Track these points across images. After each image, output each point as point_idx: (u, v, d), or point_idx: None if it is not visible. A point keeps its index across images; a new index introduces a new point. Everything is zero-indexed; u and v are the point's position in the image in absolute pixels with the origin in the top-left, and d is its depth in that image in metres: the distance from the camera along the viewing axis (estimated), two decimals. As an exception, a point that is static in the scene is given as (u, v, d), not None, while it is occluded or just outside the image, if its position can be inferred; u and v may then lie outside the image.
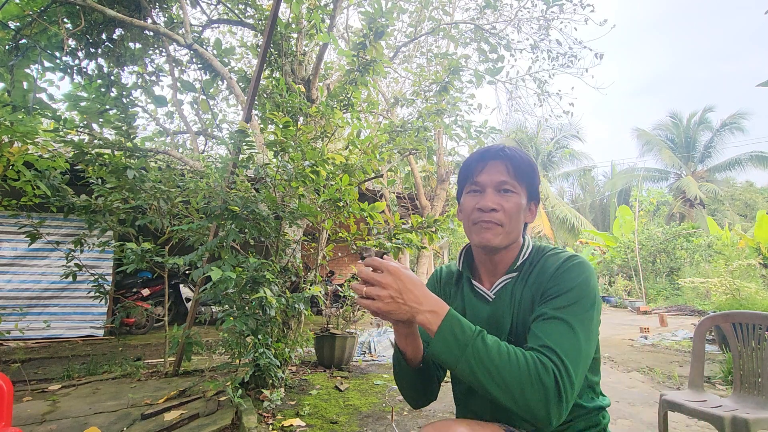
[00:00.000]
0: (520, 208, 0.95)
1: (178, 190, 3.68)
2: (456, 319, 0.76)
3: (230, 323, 2.71)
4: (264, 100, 4.57)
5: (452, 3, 6.81)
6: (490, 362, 0.73)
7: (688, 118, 21.12)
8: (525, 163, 0.96)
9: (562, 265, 0.89)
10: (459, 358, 0.74)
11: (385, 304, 0.76)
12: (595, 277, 0.89)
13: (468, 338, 0.75)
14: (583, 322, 0.81)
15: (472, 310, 1.01)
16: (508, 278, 0.97)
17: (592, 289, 0.86)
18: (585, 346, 0.79)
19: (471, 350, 0.74)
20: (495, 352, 0.74)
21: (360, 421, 2.81)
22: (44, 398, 3.20)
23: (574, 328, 0.80)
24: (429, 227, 3.57)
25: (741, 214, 24.18)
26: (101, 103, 4.04)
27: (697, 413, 1.88)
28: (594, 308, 0.84)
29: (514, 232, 0.95)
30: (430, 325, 0.76)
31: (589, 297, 0.84)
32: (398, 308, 0.76)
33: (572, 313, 0.82)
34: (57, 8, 3.92)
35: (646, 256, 13.15)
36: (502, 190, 0.94)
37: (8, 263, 5.45)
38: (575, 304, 0.83)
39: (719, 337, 5.04)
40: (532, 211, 1.00)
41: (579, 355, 0.77)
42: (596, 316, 0.85)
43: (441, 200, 6.97)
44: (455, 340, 0.74)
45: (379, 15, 3.89)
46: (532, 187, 0.98)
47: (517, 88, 7.18)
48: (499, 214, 0.93)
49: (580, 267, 0.88)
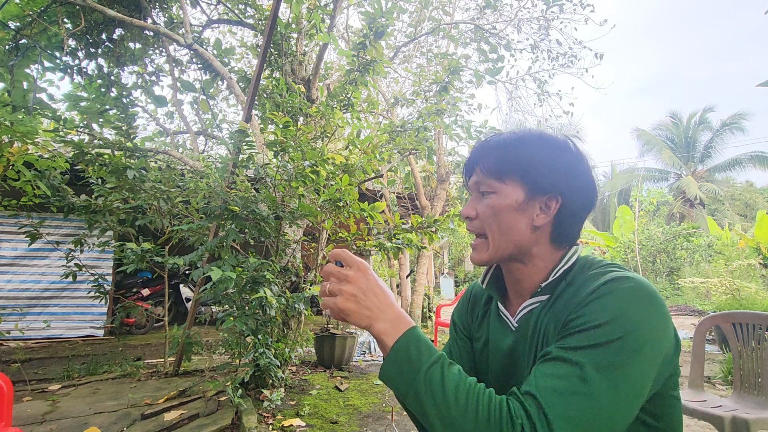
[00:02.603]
0: (500, 210, 0.72)
1: (178, 190, 3.68)
2: (416, 338, 0.62)
3: (230, 323, 2.71)
4: (264, 100, 4.57)
5: (452, 3, 6.81)
6: (442, 397, 0.56)
7: (688, 118, 21.14)
8: (512, 150, 0.74)
9: (598, 290, 0.62)
10: (410, 385, 0.59)
11: (345, 301, 0.63)
12: (657, 312, 0.60)
13: (424, 362, 0.59)
14: (608, 374, 0.55)
15: (494, 339, 0.80)
16: (535, 302, 0.74)
17: (641, 330, 0.57)
18: (604, 409, 0.54)
19: (423, 378, 0.58)
20: (452, 386, 0.57)
21: (360, 421, 2.81)
22: (44, 398, 3.20)
23: (586, 379, 0.54)
24: (429, 227, 3.57)
25: (741, 214, 24.19)
26: (101, 103, 4.04)
27: (697, 413, 1.88)
28: (639, 354, 0.56)
29: (507, 241, 0.73)
30: (386, 337, 0.63)
31: (632, 339, 0.57)
32: (358, 309, 0.63)
33: (592, 357, 0.56)
34: (57, 8, 3.92)
35: (646, 256, 13.16)
36: (480, 193, 0.76)
37: (8, 263, 5.45)
38: (602, 346, 0.57)
39: (719, 337, 5.04)
40: (545, 208, 0.72)
41: (585, 423, 0.53)
42: (643, 366, 0.57)
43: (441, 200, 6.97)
44: (409, 363, 0.60)
45: (379, 15, 3.89)
46: (531, 177, 0.72)
47: (517, 88, 7.18)
48: (476, 222, 0.75)
49: (625, 294, 0.60)
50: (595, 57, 6.04)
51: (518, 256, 0.74)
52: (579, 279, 0.69)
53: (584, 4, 5.88)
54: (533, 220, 0.72)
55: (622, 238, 13.73)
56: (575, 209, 0.73)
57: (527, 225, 0.72)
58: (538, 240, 0.73)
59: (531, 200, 0.72)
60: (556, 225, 0.73)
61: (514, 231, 0.72)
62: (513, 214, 0.72)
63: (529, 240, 0.73)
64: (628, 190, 22.00)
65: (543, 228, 0.73)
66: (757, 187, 28.37)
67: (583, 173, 0.74)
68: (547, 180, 0.71)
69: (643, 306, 0.59)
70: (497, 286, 0.84)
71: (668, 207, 21.11)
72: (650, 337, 0.58)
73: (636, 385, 0.56)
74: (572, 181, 0.72)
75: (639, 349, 0.57)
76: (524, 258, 0.75)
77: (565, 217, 0.73)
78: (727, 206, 23.34)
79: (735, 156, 19.30)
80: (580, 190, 0.73)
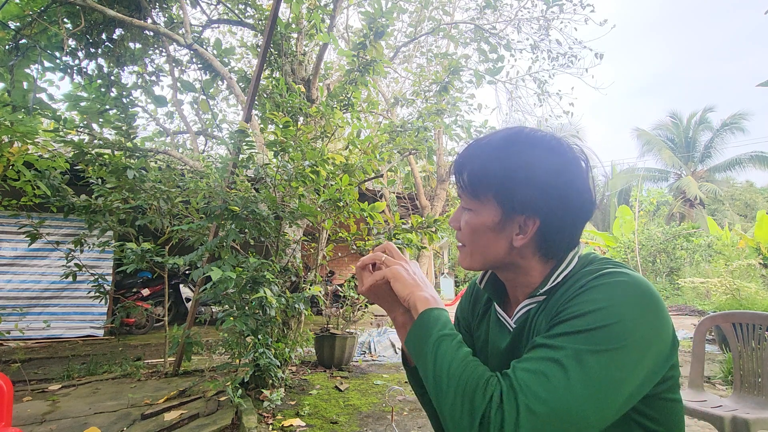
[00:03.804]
0: (476, 229, 0.70)
1: (178, 190, 3.68)
2: (446, 315, 0.67)
3: (230, 323, 2.71)
4: (264, 100, 4.57)
5: (452, 3, 6.82)
6: (442, 361, 0.59)
7: (688, 118, 21.16)
8: (488, 164, 0.68)
9: (588, 283, 0.61)
10: (423, 349, 0.63)
11: (399, 268, 0.73)
12: (650, 308, 0.57)
13: (437, 330, 0.63)
14: (585, 360, 0.52)
15: (493, 340, 0.80)
16: (532, 303, 0.72)
17: (628, 322, 0.55)
18: (576, 395, 0.50)
19: (433, 344, 0.62)
20: (458, 354, 0.59)
21: (360, 421, 2.81)
22: (44, 398, 3.20)
23: (560, 362, 0.53)
24: (429, 227, 3.57)
25: (741, 214, 24.20)
26: (101, 103, 4.05)
27: (697, 413, 1.88)
28: (623, 344, 0.53)
29: (485, 256, 0.71)
30: (423, 303, 0.68)
31: (616, 329, 0.54)
32: (407, 277, 0.72)
33: (571, 342, 0.54)
34: (57, 8, 3.92)
35: (646, 256, 13.16)
36: (463, 208, 0.75)
37: (8, 263, 5.45)
38: (583, 333, 0.54)
39: (719, 337, 5.04)
40: (524, 228, 0.67)
41: (556, 404, 0.50)
42: (627, 358, 0.54)
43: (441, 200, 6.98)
44: (427, 330, 0.64)
45: (379, 15, 3.89)
46: (506, 197, 0.67)
47: (517, 88, 7.19)
48: (459, 234, 0.75)
49: (616, 287, 0.58)
50: (595, 57, 6.04)
51: (504, 267, 0.73)
52: (575, 277, 0.66)
53: (584, 4, 5.89)
54: (512, 239, 0.68)
55: (622, 238, 13.73)
56: (561, 224, 0.67)
57: (505, 244, 0.69)
58: (522, 255, 0.70)
59: (508, 220, 0.68)
60: (539, 242, 0.68)
61: (491, 249, 0.70)
62: (489, 234, 0.69)
63: (509, 256, 0.70)
64: (628, 190, 22.01)
65: (524, 247, 0.69)
66: (757, 187, 28.38)
67: (571, 182, 0.66)
68: (523, 199, 0.65)
69: (635, 300, 0.57)
70: (495, 288, 0.82)
71: (668, 207, 21.12)
72: (638, 333, 0.55)
73: (615, 377, 0.52)
74: (553, 199, 0.65)
75: (623, 341, 0.54)
76: (512, 268, 0.73)
77: (549, 233, 0.67)
78: (727, 206, 23.35)
79: (735, 156, 19.32)
80: (564, 206, 0.66)
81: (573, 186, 0.67)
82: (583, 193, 0.67)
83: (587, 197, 0.68)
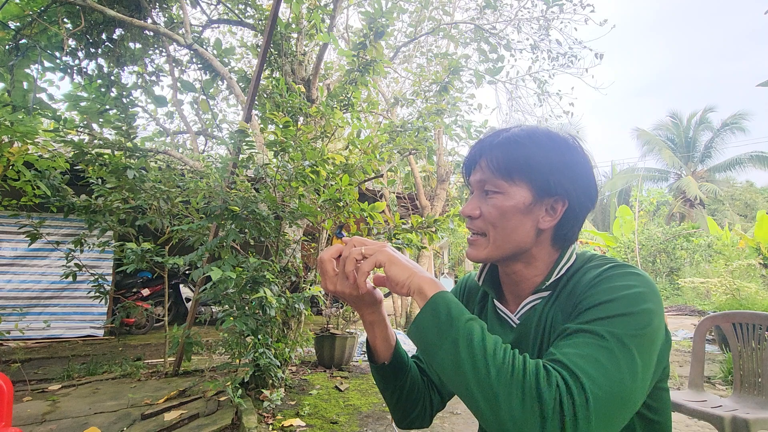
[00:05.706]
0: (506, 211, 0.70)
1: (178, 190, 3.68)
2: (454, 298, 0.63)
3: (230, 323, 2.71)
4: (264, 100, 4.57)
5: (452, 3, 6.81)
6: (480, 349, 0.54)
7: (689, 118, 21.15)
8: (522, 149, 0.71)
9: (602, 273, 0.65)
10: (445, 334, 0.57)
11: (391, 252, 0.67)
12: (658, 301, 0.61)
13: (464, 314, 0.59)
14: (626, 343, 0.55)
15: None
16: (537, 298, 0.74)
17: (649, 309, 0.59)
18: (625, 376, 0.53)
19: (462, 328, 0.57)
20: (491, 340, 0.56)
21: (360, 421, 2.81)
22: (44, 398, 3.20)
23: (608, 347, 0.54)
24: (429, 227, 3.57)
25: (741, 214, 24.18)
26: (101, 103, 4.04)
27: (697, 413, 1.88)
28: (648, 330, 0.57)
29: (508, 242, 0.71)
30: (427, 288, 0.63)
31: (643, 315, 0.58)
32: (402, 261, 0.66)
33: (609, 327, 0.56)
34: (57, 8, 3.92)
35: (646, 256, 13.16)
36: (484, 192, 0.73)
37: (8, 263, 5.45)
38: (618, 317, 0.57)
39: (719, 337, 5.04)
40: (551, 211, 0.71)
41: (612, 387, 0.52)
42: (652, 344, 0.58)
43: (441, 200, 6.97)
44: (448, 314, 0.59)
45: (379, 15, 3.89)
46: (538, 180, 0.70)
47: (517, 88, 7.18)
48: (479, 222, 0.73)
49: (631, 277, 0.62)
50: (595, 57, 6.04)
51: (518, 256, 0.73)
52: (581, 272, 0.69)
53: (584, 4, 5.88)
54: (538, 222, 0.71)
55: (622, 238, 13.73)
56: (579, 211, 0.72)
57: (532, 227, 0.71)
58: (539, 241, 0.73)
59: (538, 202, 0.70)
60: (559, 227, 0.72)
61: (518, 233, 0.71)
62: (518, 216, 0.70)
63: (531, 242, 0.72)
64: (628, 190, 22.01)
65: (547, 230, 0.72)
66: (757, 187, 28.36)
67: (587, 174, 0.72)
68: (555, 182, 0.70)
69: (645, 288, 0.61)
70: (493, 284, 0.82)
71: (668, 207, 21.13)
72: (655, 321, 0.59)
73: (648, 359, 0.57)
74: (578, 183, 0.71)
75: (647, 326, 0.58)
76: (523, 258, 0.74)
77: (569, 219, 0.72)
78: (727, 206, 23.34)
79: (735, 156, 19.31)
80: (585, 192, 0.72)
81: (592, 175, 0.74)
82: (595, 184, 0.74)
83: (596, 190, 0.74)
